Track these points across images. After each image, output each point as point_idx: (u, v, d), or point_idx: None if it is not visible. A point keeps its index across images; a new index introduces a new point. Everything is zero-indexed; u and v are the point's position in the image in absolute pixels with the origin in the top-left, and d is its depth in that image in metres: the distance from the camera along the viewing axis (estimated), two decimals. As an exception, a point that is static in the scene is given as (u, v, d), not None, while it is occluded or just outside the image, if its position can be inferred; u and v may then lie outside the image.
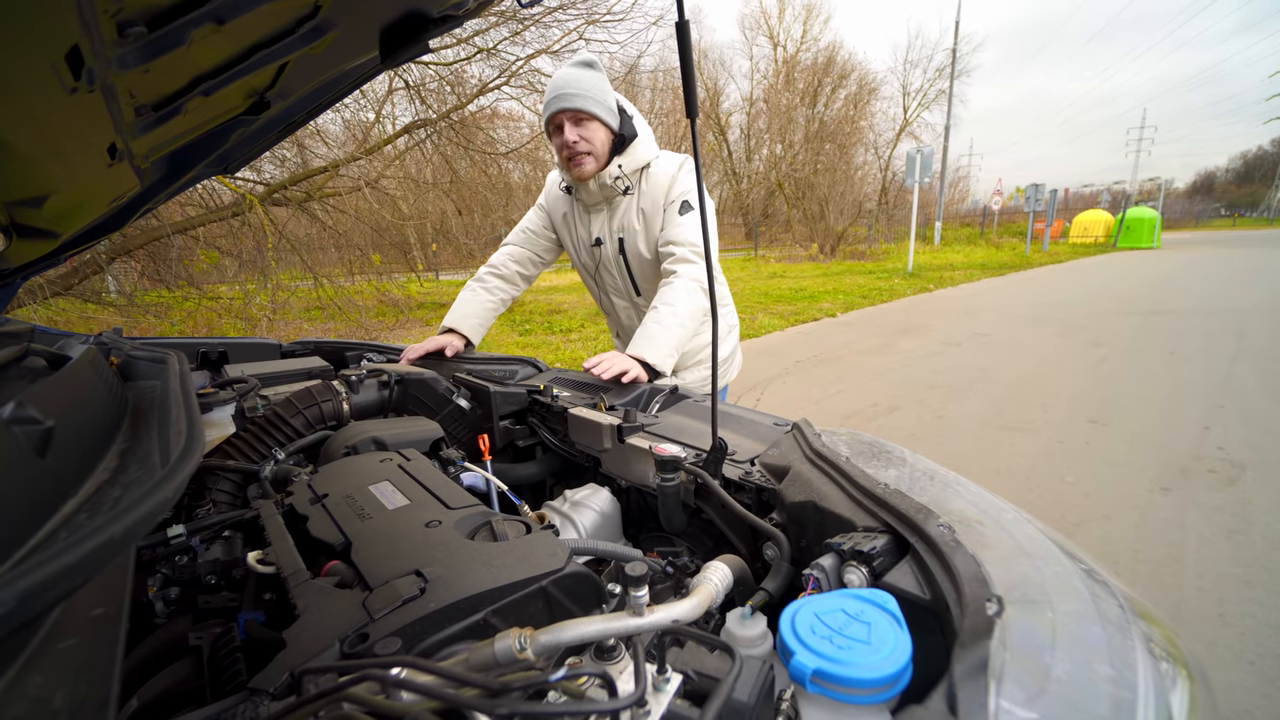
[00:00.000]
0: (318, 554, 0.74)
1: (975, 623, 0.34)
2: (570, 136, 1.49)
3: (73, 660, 0.37)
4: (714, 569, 0.59)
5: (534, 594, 0.62)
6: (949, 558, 0.40)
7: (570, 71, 1.51)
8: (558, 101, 1.48)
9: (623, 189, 1.57)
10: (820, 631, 0.35)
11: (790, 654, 0.34)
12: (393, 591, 0.59)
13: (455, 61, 8.51)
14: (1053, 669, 0.31)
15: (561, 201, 1.72)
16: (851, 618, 0.36)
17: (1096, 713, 0.28)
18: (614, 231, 1.63)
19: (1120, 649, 0.33)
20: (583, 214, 1.68)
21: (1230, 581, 2.16)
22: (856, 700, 0.32)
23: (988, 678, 0.30)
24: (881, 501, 0.53)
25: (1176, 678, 0.33)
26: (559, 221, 1.75)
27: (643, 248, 1.62)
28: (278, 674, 0.50)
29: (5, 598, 0.24)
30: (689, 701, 0.34)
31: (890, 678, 0.32)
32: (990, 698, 0.29)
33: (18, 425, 0.45)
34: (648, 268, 1.66)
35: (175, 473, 0.39)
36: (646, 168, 1.58)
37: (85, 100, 0.59)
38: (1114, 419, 3.82)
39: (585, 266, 1.78)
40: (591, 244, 1.68)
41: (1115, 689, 0.30)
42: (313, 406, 1.12)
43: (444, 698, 0.31)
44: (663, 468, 0.91)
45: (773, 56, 25.44)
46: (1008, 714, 0.28)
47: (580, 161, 1.51)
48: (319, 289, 8.19)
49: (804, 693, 0.34)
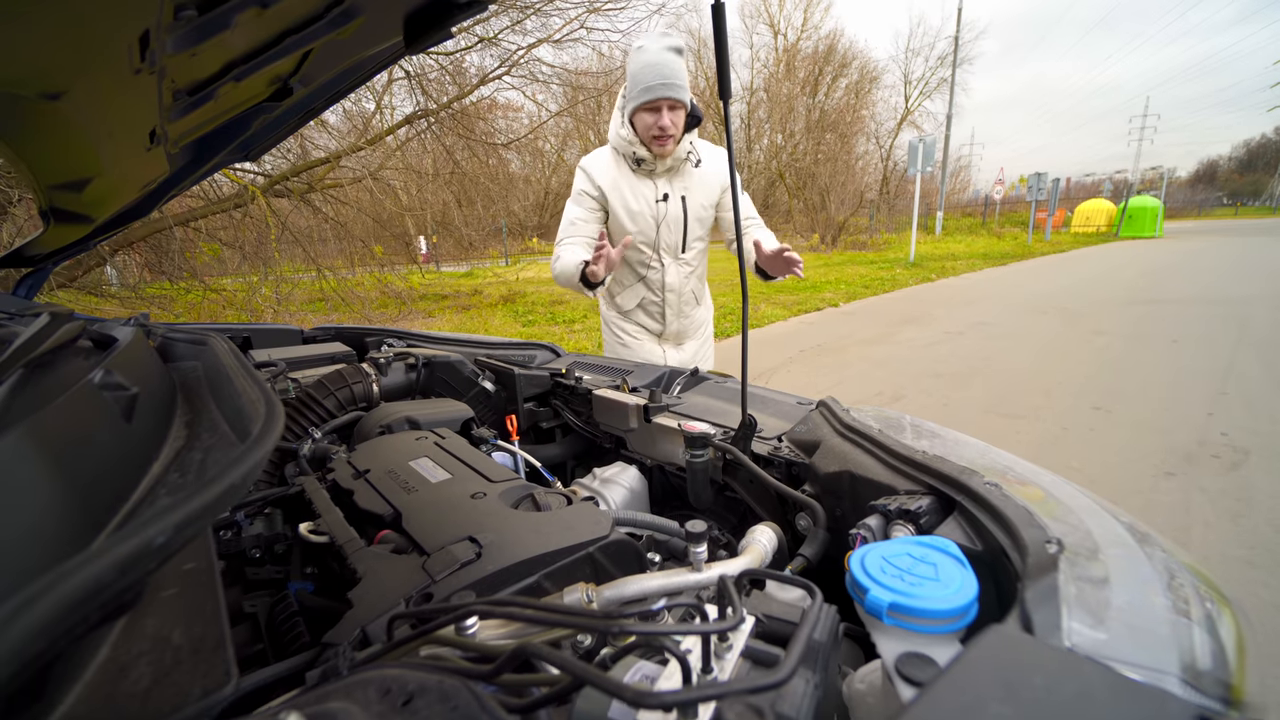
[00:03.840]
0: (365, 525, 0.76)
1: (1039, 560, 0.36)
2: (666, 121, 1.65)
3: (179, 606, 0.39)
4: (759, 531, 0.62)
5: (582, 560, 0.64)
6: (1001, 509, 0.42)
7: (670, 58, 1.62)
8: (664, 89, 1.61)
9: (695, 161, 1.81)
10: (890, 571, 0.38)
11: (865, 590, 0.37)
12: (450, 556, 0.61)
13: (456, 51, 8.45)
14: (1112, 600, 0.33)
15: (615, 174, 1.82)
16: (917, 560, 0.38)
17: (1157, 633, 0.31)
18: (678, 190, 1.82)
19: (1171, 586, 0.35)
20: (644, 178, 1.82)
21: (1234, 563, 2.19)
22: (931, 630, 0.35)
23: (1059, 602, 0.32)
24: (922, 466, 0.56)
25: (1221, 612, 0.35)
26: (611, 192, 1.83)
27: (700, 208, 1.84)
28: (349, 629, 0.52)
29: (163, 527, 0.26)
30: (763, 641, 0.37)
31: (961, 609, 0.35)
32: (1063, 619, 0.31)
33: (107, 391, 0.47)
34: (697, 226, 1.87)
35: (266, 434, 0.41)
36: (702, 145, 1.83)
37: (144, 82, 0.60)
38: (1117, 406, 3.84)
39: (646, 223, 1.85)
40: (658, 199, 1.82)
41: (1172, 615, 0.32)
42: (344, 388, 1.15)
43: (560, 622, 0.33)
44: (692, 444, 0.93)
45: (773, 45, 25.22)
46: (1079, 634, 0.31)
47: (666, 142, 1.69)
48: (321, 280, 8.19)
49: (880, 625, 0.36)
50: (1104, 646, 0.30)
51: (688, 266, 1.92)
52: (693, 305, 1.99)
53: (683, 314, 1.97)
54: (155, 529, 0.26)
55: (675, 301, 1.94)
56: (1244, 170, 79.77)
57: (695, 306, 2.00)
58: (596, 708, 0.37)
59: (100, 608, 0.25)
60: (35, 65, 0.43)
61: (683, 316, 1.98)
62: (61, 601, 0.21)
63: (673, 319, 1.96)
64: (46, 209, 0.94)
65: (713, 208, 1.87)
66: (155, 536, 0.26)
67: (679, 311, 1.96)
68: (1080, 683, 0.24)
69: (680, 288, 1.93)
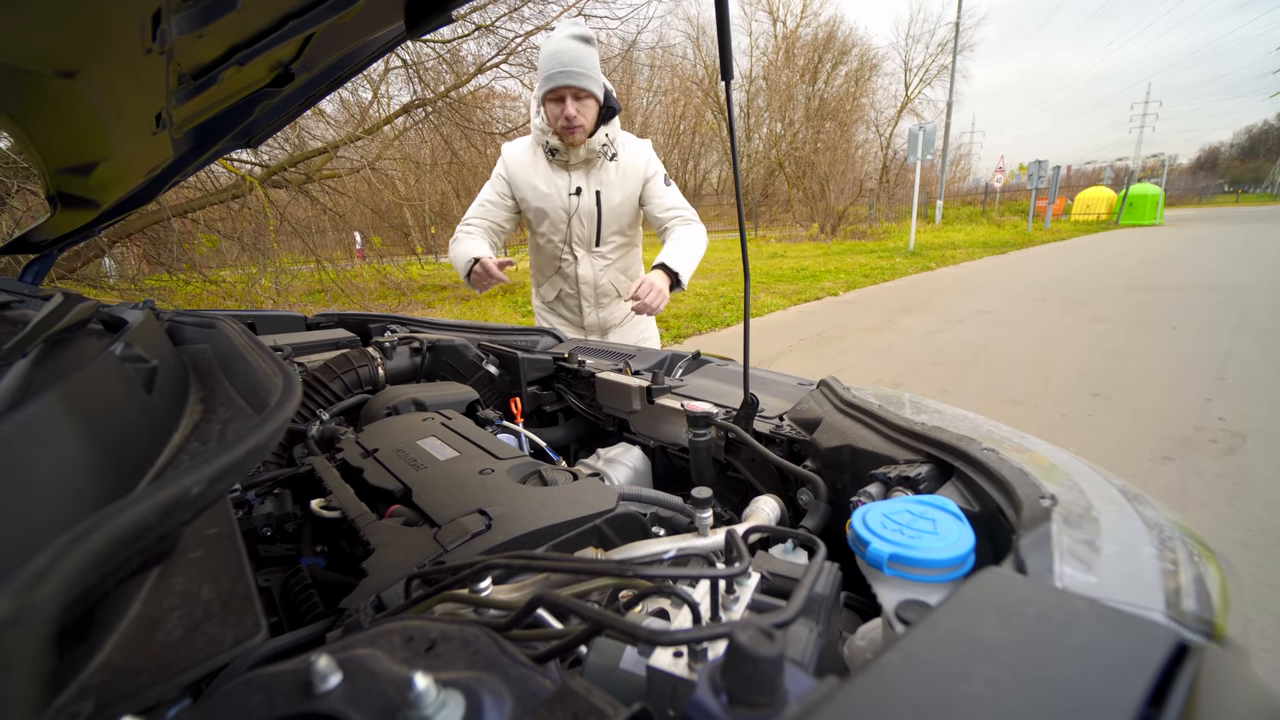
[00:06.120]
0: (375, 502, 0.78)
1: (1033, 513, 0.37)
2: (571, 111, 1.64)
3: (205, 566, 0.41)
4: (762, 500, 0.63)
5: (589, 531, 0.66)
6: (997, 470, 0.44)
7: (573, 46, 1.61)
8: (564, 77, 1.60)
9: (610, 155, 1.78)
10: (890, 526, 0.39)
11: (865, 544, 0.38)
12: (460, 527, 0.62)
13: (453, 39, 8.37)
14: (1103, 549, 0.34)
15: (529, 164, 1.83)
16: (916, 516, 0.40)
17: (1145, 578, 0.32)
18: (592, 185, 1.81)
19: (1160, 540, 0.37)
20: (559, 170, 1.82)
21: (1230, 544, 2.22)
22: (930, 580, 0.36)
23: (1051, 549, 0.34)
24: (921, 436, 0.57)
25: (1208, 564, 0.37)
26: (523, 183, 1.84)
27: (615, 202, 1.83)
28: (365, 596, 0.54)
29: (198, 478, 0.28)
30: (769, 596, 0.38)
31: (958, 559, 0.36)
32: (1055, 564, 0.33)
33: (128, 363, 0.48)
34: (613, 222, 1.86)
35: (286, 401, 0.43)
36: (621, 138, 1.81)
37: (154, 63, 0.61)
38: (1116, 392, 3.86)
39: (557, 214, 1.86)
40: (570, 192, 1.82)
41: (1160, 563, 0.34)
42: (350, 371, 1.16)
43: (576, 569, 0.34)
44: (695, 424, 0.94)
45: (772, 32, 24.98)
46: (1070, 577, 0.32)
47: (574, 132, 1.68)
48: (320, 271, 8.18)
49: (880, 576, 0.38)
50: (1093, 589, 0.31)
51: (604, 260, 1.92)
52: (612, 298, 1.98)
53: (601, 305, 1.98)
54: (191, 479, 0.27)
55: (591, 294, 1.95)
56: (1245, 157, 79.36)
57: (616, 299, 1.99)
58: (608, 659, 0.39)
59: (141, 552, 0.27)
60: (53, 41, 0.44)
61: (601, 309, 1.98)
62: (112, 537, 0.22)
63: (590, 310, 1.98)
64: (54, 194, 0.95)
65: (633, 201, 1.85)
66: (191, 486, 0.27)
67: (596, 303, 1.97)
68: (1070, 613, 0.25)
69: (595, 280, 1.93)
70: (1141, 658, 0.23)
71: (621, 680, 0.36)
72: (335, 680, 0.29)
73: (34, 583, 0.19)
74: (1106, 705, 0.21)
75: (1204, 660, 0.24)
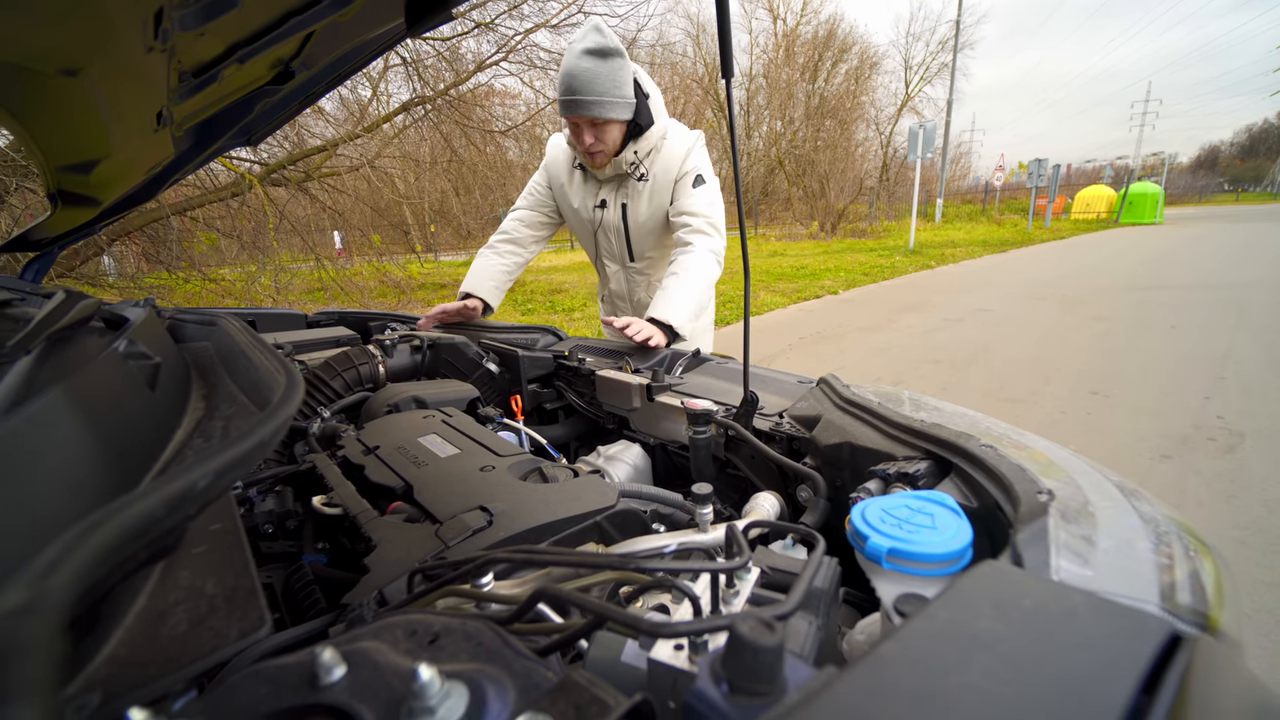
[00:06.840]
0: (377, 498, 0.78)
1: (1030, 508, 0.38)
2: (588, 140, 1.49)
3: (210, 561, 0.41)
4: (762, 497, 0.64)
5: (590, 528, 0.66)
6: (995, 467, 0.44)
7: (587, 66, 1.40)
8: (575, 107, 1.43)
9: (638, 175, 1.60)
10: (889, 521, 0.40)
11: (865, 539, 0.39)
12: (461, 523, 0.63)
13: (453, 37, 8.36)
14: (1099, 543, 0.35)
15: (565, 166, 1.74)
16: (914, 511, 0.40)
17: (1140, 572, 0.33)
18: (618, 198, 1.68)
19: (1156, 534, 0.37)
20: (590, 180, 1.72)
21: (1227, 542, 2.22)
22: (928, 574, 0.37)
23: (1048, 543, 0.34)
24: (920, 433, 0.57)
25: (1203, 559, 0.37)
26: (556, 185, 1.77)
27: (644, 217, 1.67)
28: (367, 592, 0.54)
29: (204, 471, 0.28)
30: (769, 590, 0.39)
31: (956, 553, 0.37)
32: (1051, 557, 0.33)
33: (131, 360, 0.48)
34: (646, 237, 1.72)
35: (289, 397, 0.43)
36: (657, 147, 1.60)
37: (155, 60, 0.61)
38: (1115, 391, 3.87)
39: (584, 226, 1.80)
40: (596, 204, 1.72)
41: (1156, 557, 0.34)
42: (350, 369, 1.16)
43: (578, 562, 0.35)
44: (695, 421, 0.95)
45: (772, 30, 24.94)
46: (1066, 570, 0.32)
47: (595, 157, 1.55)
48: (320, 270, 8.17)
49: (879, 570, 0.38)
50: (1089, 582, 0.32)
51: (640, 275, 1.81)
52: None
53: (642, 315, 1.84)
54: (198, 472, 0.28)
55: (628, 309, 1.89)
56: (1245, 155, 79.35)
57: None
58: (609, 653, 0.39)
59: (148, 545, 0.27)
60: (55, 40, 0.44)
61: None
62: (121, 529, 0.23)
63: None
64: (55, 191, 0.95)
65: (663, 216, 1.67)
66: (198, 479, 0.28)
67: (637, 314, 1.84)
68: (1065, 605, 0.25)
69: (629, 294, 1.86)
70: (1135, 648, 0.24)
71: (623, 673, 0.36)
72: (340, 672, 0.30)
73: (46, 573, 0.19)
74: (1100, 693, 0.21)
75: (1197, 650, 0.25)
